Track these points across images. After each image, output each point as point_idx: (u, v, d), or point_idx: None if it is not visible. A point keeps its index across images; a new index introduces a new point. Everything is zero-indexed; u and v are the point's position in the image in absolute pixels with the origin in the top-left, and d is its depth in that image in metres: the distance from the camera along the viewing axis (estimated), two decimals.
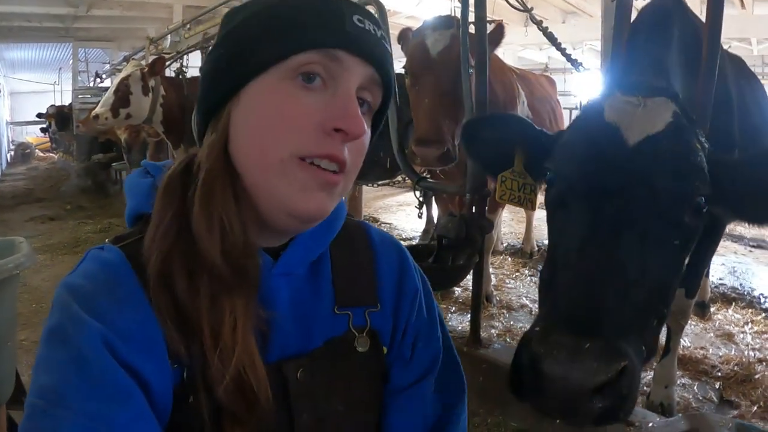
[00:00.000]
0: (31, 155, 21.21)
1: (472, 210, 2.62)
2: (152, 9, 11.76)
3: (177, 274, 0.74)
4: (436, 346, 1.00)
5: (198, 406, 0.74)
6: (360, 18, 0.78)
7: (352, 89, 0.77)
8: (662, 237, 1.27)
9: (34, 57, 19.28)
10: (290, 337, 0.85)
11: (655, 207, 1.26)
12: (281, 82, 0.76)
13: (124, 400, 0.67)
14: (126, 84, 5.08)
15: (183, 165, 0.84)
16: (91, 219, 8.24)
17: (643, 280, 1.20)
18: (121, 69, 6.73)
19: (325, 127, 0.75)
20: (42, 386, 0.67)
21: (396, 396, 0.96)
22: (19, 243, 2.49)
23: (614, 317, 1.10)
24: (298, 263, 0.88)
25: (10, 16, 11.42)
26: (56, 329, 0.70)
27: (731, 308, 4.23)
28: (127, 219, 0.88)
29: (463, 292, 4.50)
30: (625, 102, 1.39)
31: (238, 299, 0.75)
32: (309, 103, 0.75)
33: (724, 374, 3.19)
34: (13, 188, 12.19)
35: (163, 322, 0.73)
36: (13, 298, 2.48)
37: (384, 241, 1.02)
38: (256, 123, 0.77)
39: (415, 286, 1.00)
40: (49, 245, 6.62)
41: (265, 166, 0.76)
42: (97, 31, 13.88)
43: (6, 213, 9.06)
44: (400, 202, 9.46)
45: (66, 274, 0.78)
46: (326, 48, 0.75)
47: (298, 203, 0.77)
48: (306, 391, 0.84)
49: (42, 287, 4.94)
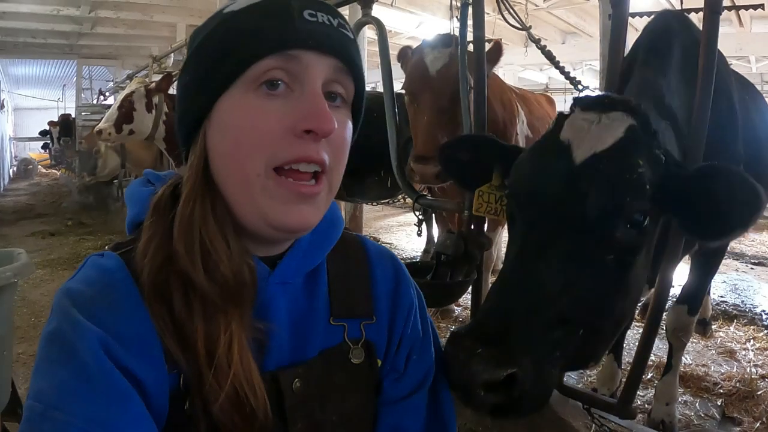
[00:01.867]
0: (34, 171, 21.30)
1: (470, 227, 2.62)
2: (156, 28, 11.86)
3: (174, 291, 0.75)
4: (429, 360, 1.01)
5: (194, 414, 0.74)
6: (311, 12, 0.77)
7: (317, 86, 0.77)
8: (593, 252, 1.30)
9: (38, 73, 19.43)
10: (286, 346, 0.85)
11: (584, 222, 1.28)
12: (246, 94, 0.76)
13: (122, 403, 0.68)
14: (130, 100, 5.10)
15: (172, 186, 0.85)
16: (91, 235, 8.23)
17: (564, 293, 1.23)
18: (124, 87, 6.78)
19: (295, 131, 0.75)
20: (40, 389, 0.67)
21: (389, 408, 0.96)
22: (18, 254, 2.51)
23: (518, 327, 1.15)
24: (294, 273, 0.88)
25: (16, 32, 11.52)
26: (55, 333, 0.71)
27: (733, 325, 4.22)
28: (128, 226, 0.89)
29: (463, 311, 4.49)
30: (582, 119, 1.41)
31: (232, 317, 0.76)
32: (275, 111, 0.75)
33: (726, 391, 3.17)
34: (15, 203, 12.22)
35: (160, 332, 0.74)
36: (10, 308, 2.49)
37: (380, 254, 1.02)
38: (229, 140, 0.77)
39: (411, 299, 1.01)
40: (50, 260, 6.62)
41: (244, 184, 0.77)
42: (101, 49, 14.01)
43: (7, 228, 9.06)
44: (401, 222, 9.50)
45: None
46: (281, 51, 0.75)
47: (280, 218, 0.77)
48: (301, 401, 0.84)
49: (41, 301, 4.94)
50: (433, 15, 9.81)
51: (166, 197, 0.83)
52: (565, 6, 9.71)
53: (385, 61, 3.02)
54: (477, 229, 2.61)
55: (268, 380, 0.80)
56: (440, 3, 9.67)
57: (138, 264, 0.77)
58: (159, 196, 0.83)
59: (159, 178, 0.91)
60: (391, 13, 8.59)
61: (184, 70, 0.83)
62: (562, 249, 1.27)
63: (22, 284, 5.32)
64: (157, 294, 0.75)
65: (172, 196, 0.83)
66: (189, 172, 0.80)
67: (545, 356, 1.17)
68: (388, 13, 8.19)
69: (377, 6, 3.12)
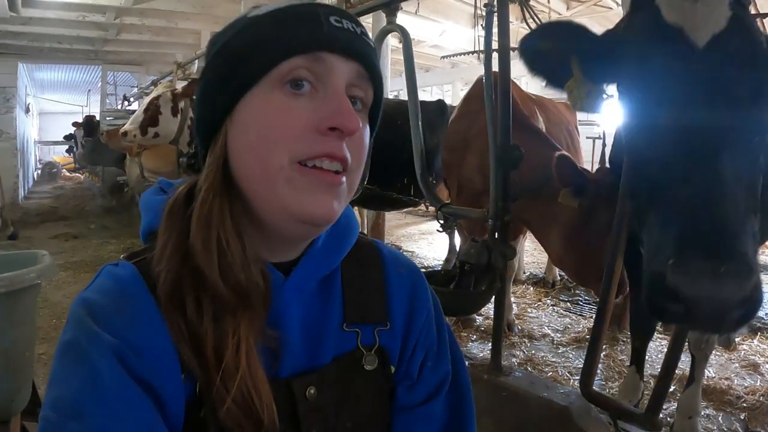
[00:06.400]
0: (58, 174, 21.56)
1: (494, 236, 2.61)
2: (180, 34, 11.98)
3: (187, 294, 0.76)
4: (445, 368, 0.99)
5: (206, 420, 0.75)
6: (337, 18, 0.79)
7: (341, 87, 0.78)
8: (749, 137, 1.28)
9: (63, 78, 19.68)
10: (299, 353, 0.85)
11: (742, 113, 1.25)
12: (271, 92, 0.77)
13: (136, 414, 0.68)
14: (156, 104, 5.17)
15: (187, 188, 0.85)
16: (114, 239, 8.33)
17: (744, 192, 1.23)
18: (148, 93, 6.87)
19: (320, 128, 0.76)
20: (56, 399, 0.68)
21: (403, 415, 0.96)
22: (42, 255, 2.56)
23: (737, 236, 1.15)
24: (309, 279, 0.88)
25: (42, 37, 11.69)
26: (71, 343, 0.71)
27: (756, 338, 4.15)
28: (142, 235, 0.89)
29: (485, 320, 4.48)
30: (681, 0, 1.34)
31: (242, 320, 0.76)
32: (301, 108, 0.76)
33: (749, 405, 3.13)
34: (39, 206, 12.38)
35: (176, 340, 0.74)
36: (33, 309, 2.54)
37: (396, 260, 1.02)
38: (253, 136, 0.77)
39: (428, 306, 1.00)
40: (72, 263, 6.71)
41: (267, 177, 0.77)
42: (126, 55, 14.17)
43: (31, 230, 9.18)
44: (423, 231, 9.48)
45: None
46: (309, 51, 0.76)
47: (306, 207, 0.77)
48: (315, 408, 0.84)
49: (62, 303, 5.01)
50: (456, 23, 9.82)
51: (181, 199, 0.83)
52: (588, 15, 9.67)
53: (409, 68, 3.04)
54: (501, 237, 2.61)
55: (282, 387, 0.81)
56: (463, 11, 9.69)
57: (153, 271, 0.77)
58: (173, 199, 0.83)
59: (172, 186, 0.90)
60: (415, 21, 8.60)
61: (204, 73, 0.84)
62: (733, 147, 1.24)
63: (44, 286, 5.35)
64: (173, 300, 0.75)
65: (187, 198, 0.83)
66: (207, 170, 0.81)
67: (756, 252, 1.21)
68: (412, 21, 8.20)
69: (401, 14, 3.14)
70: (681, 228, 1.20)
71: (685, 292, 1.10)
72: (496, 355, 2.75)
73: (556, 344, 4.10)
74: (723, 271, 1.05)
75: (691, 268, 1.09)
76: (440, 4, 9.50)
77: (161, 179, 0.95)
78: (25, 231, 8.83)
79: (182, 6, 10.07)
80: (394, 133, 3.90)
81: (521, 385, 2.62)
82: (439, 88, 17.27)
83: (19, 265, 2.41)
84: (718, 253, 1.10)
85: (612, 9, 8.88)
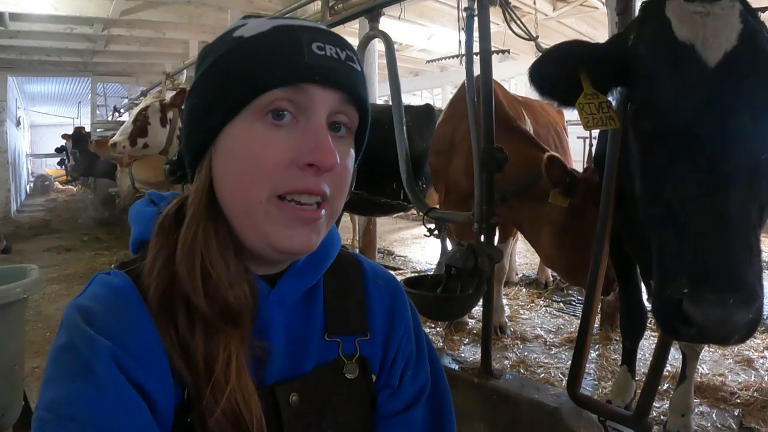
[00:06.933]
0: (50, 187, 21.55)
1: (480, 239, 2.61)
2: (169, 45, 12.00)
3: (178, 311, 0.77)
4: (424, 377, 1.02)
5: (194, 426, 0.76)
6: (320, 45, 0.79)
7: (321, 120, 0.79)
8: (762, 161, 1.32)
9: (54, 91, 19.68)
10: (283, 361, 0.87)
11: (753, 136, 1.29)
12: (252, 123, 0.78)
13: (131, 415, 0.69)
14: (145, 114, 5.15)
15: (177, 206, 0.87)
16: (107, 250, 8.34)
17: (757, 213, 1.32)
18: (138, 103, 6.88)
19: (298, 163, 0.77)
20: (50, 399, 0.68)
21: (385, 423, 0.97)
22: (30, 270, 2.57)
23: (745, 267, 1.26)
24: (292, 291, 0.90)
25: (30, 50, 11.70)
26: (66, 346, 0.72)
27: None
28: (131, 246, 0.91)
29: (477, 323, 4.47)
30: (691, 12, 1.34)
31: (232, 336, 0.78)
32: (280, 141, 0.77)
33: (743, 401, 3.13)
34: (31, 219, 12.38)
35: (167, 348, 0.76)
36: (21, 323, 2.54)
37: (375, 273, 1.04)
38: (233, 168, 0.79)
39: (406, 316, 1.03)
40: (65, 275, 6.71)
41: (247, 210, 0.79)
42: (115, 66, 14.19)
43: (23, 243, 9.19)
44: (415, 235, 9.47)
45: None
46: (288, 84, 0.77)
47: (283, 241, 0.79)
48: (297, 414, 0.86)
49: (56, 316, 4.98)
50: (443, 27, 9.84)
51: (171, 217, 0.85)
52: (575, 15, 9.71)
53: (392, 73, 3.04)
54: (487, 240, 2.61)
55: (265, 394, 0.82)
56: (450, 15, 9.70)
57: (144, 282, 0.79)
58: (164, 215, 0.86)
59: (162, 198, 0.93)
60: (402, 26, 8.61)
61: (192, 91, 0.85)
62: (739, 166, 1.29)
63: (37, 299, 5.39)
64: (164, 312, 0.77)
65: (177, 216, 0.85)
66: (194, 196, 0.83)
67: (759, 273, 1.30)
68: (399, 26, 8.21)
69: (387, 19, 3.15)
70: (693, 258, 1.30)
71: (698, 320, 1.23)
72: (486, 358, 2.75)
73: (548, 345, 4.10)
74: (732, 302, 1.19)
75: (704, 300, 1.22)
76: (427, 8, 9.54)
77: (150, 191, 0.98)
78: (18, 244, 8.81)
79: (170, 16, 10.06)
80: (382, 137, 3.90)
81: (511, 388, 2.62)
82: (429, 91, 17.32)
83: (8, 279, 2.42)
84: (728, 285, 1.22)
85: (598, 9, 8.89)
